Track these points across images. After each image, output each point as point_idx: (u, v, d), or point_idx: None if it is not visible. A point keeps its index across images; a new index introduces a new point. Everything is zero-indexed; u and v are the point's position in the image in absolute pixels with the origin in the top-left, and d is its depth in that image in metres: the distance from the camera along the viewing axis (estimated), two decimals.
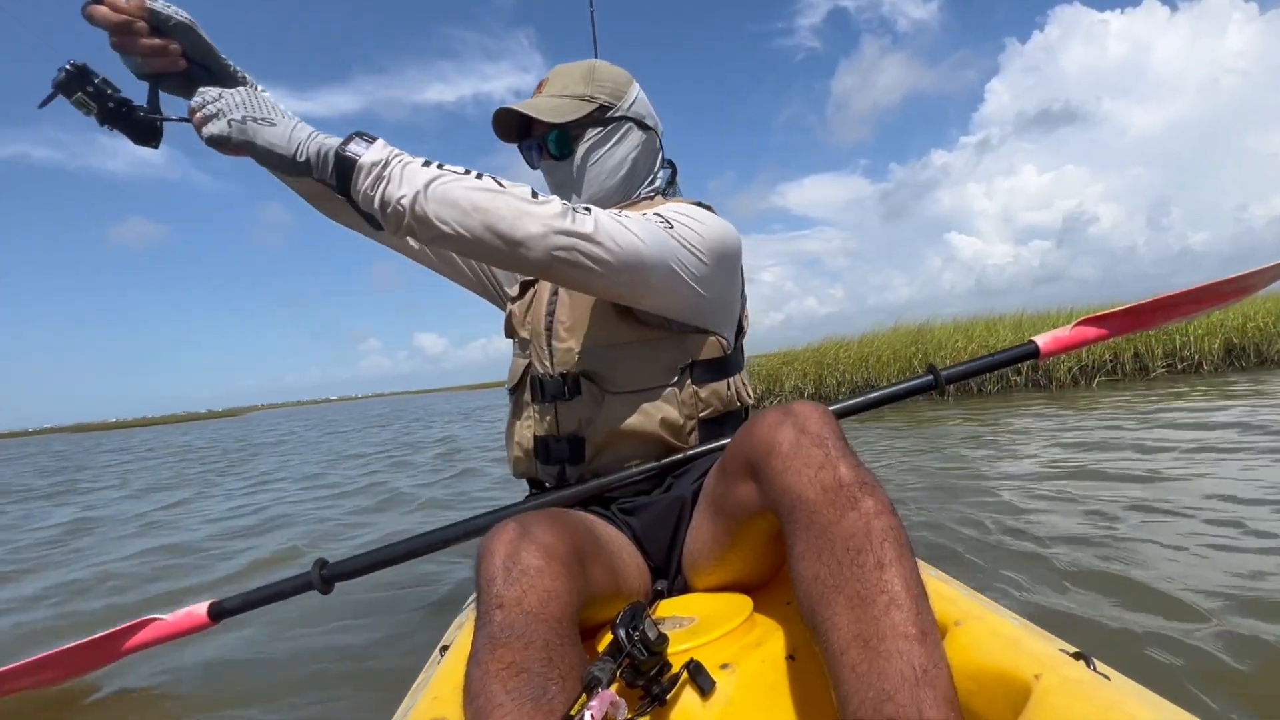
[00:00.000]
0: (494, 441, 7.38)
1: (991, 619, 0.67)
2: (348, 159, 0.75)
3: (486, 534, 0.69)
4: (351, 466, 6.26)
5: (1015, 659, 0.59)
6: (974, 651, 0.63)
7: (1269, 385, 5.36)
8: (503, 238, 0.76)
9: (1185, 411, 4.30)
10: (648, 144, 1.08)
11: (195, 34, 0.82)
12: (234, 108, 0.77)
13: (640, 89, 1.08)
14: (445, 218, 0.75)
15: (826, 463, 0.63)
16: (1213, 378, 6.43)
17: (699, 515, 0.89)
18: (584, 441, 0.98)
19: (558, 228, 0.77)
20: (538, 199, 0.78)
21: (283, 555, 2.78)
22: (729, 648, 0.75)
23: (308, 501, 4.26)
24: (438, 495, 3.99)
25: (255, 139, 0.76)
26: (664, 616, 0.82)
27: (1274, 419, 3.62)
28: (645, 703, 0.64)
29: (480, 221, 0.75)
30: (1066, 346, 1.15)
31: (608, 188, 1.05)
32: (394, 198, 0.75)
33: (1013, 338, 7.54)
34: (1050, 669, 0.56)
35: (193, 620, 1.23)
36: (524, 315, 1.06)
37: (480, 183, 0.77)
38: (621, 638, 0.62)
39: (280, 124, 0.77)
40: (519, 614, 0.62)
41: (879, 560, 0.58)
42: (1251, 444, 3.04)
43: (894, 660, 0.53)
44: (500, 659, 0.59)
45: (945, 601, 0.70)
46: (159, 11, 0.78)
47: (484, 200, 0.75)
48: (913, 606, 0.56)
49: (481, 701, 0.58)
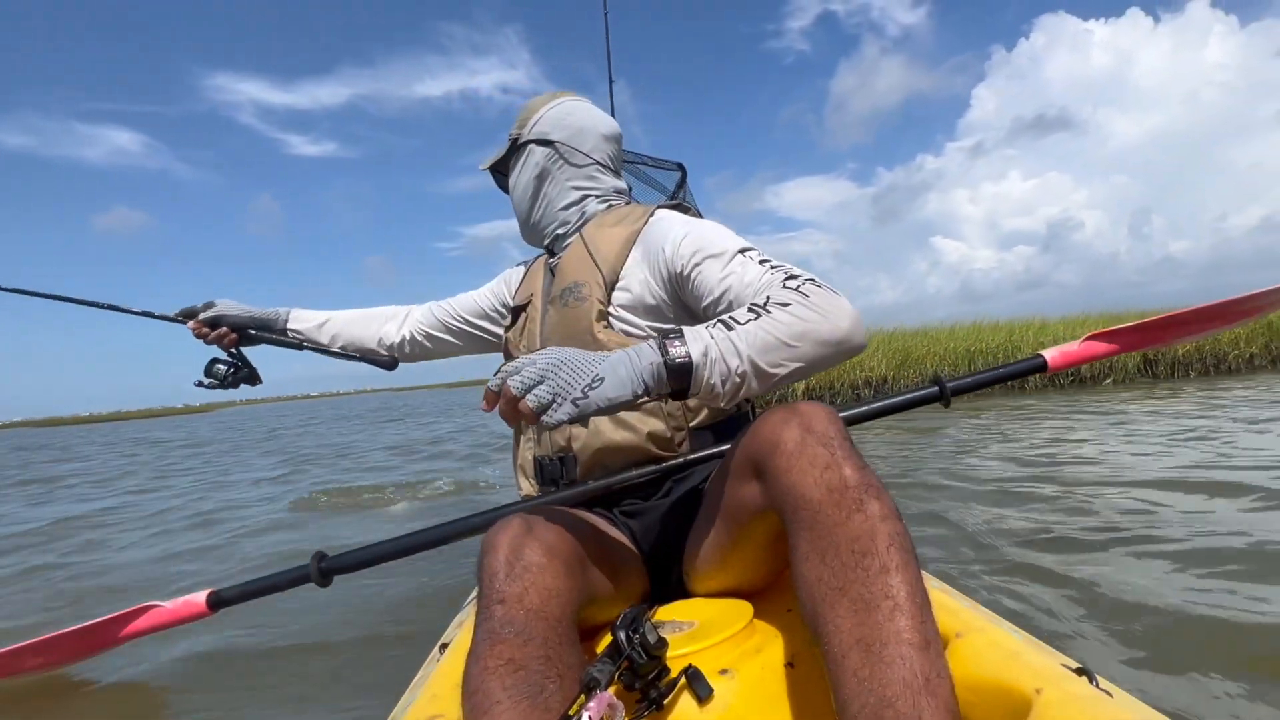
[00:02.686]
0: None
1: (993, 631, 0.67)
2: (682, 365, 0.71)
3: (490, 529, 0.69)
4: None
5: (1017, 672, 0.59)
6: (975, 663, 0.62)
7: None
8: (828, 346, 0.75)
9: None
10: (551, 157, 1.10)
11: (221, 308, 1.33)
12: (567, 388, 0.68)
13: (561, 104, 1.11)
14: (778, 360, 0.74)
15: (832, 463, 0.63)
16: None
17: (701, 517, 0.89)
18: (575, 460, 0.99)
19: (850, 311, 0.77)
20: (810, 295, 0.77)
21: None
22: (728, 653, 0.75)
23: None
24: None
25: (599, 403, 0.69)
26: (664, 620, 0.82)
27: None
28: (642, 706, 0.64)
29: (808, 344, 0.75)
30: (1074, 361, 1.15)
31: (524, 210, 1.13)
32: (730, 374, 0.72)
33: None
34: (1052, 683, 0.56)
35: (191, 609, 1.24)
36: (518, 339, 1.11)
37: (772, 318, 0.75)
38: (621, 640, 0.61)
39: (607, 375, 0.69)
40: (520, 610, 0.62)
41: (884, 565, 0.57)
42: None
43: (896, 666, 0.53)
44: (499, 655, 0.59)
45: (947, 612, 0.70)
46: (200, 314, 1.33)
47: (792, 328, 0.74)
48: (917, 614, 0.55)
49: (479, 698, 0.58)
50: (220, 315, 1.32)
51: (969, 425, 5.04)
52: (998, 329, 9.17)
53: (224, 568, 2.63)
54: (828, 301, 0.77)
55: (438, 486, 4.20)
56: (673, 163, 1.64)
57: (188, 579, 2.50)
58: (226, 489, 5.14)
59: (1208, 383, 6.37)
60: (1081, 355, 1.14)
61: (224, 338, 1.32)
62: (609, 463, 0.96)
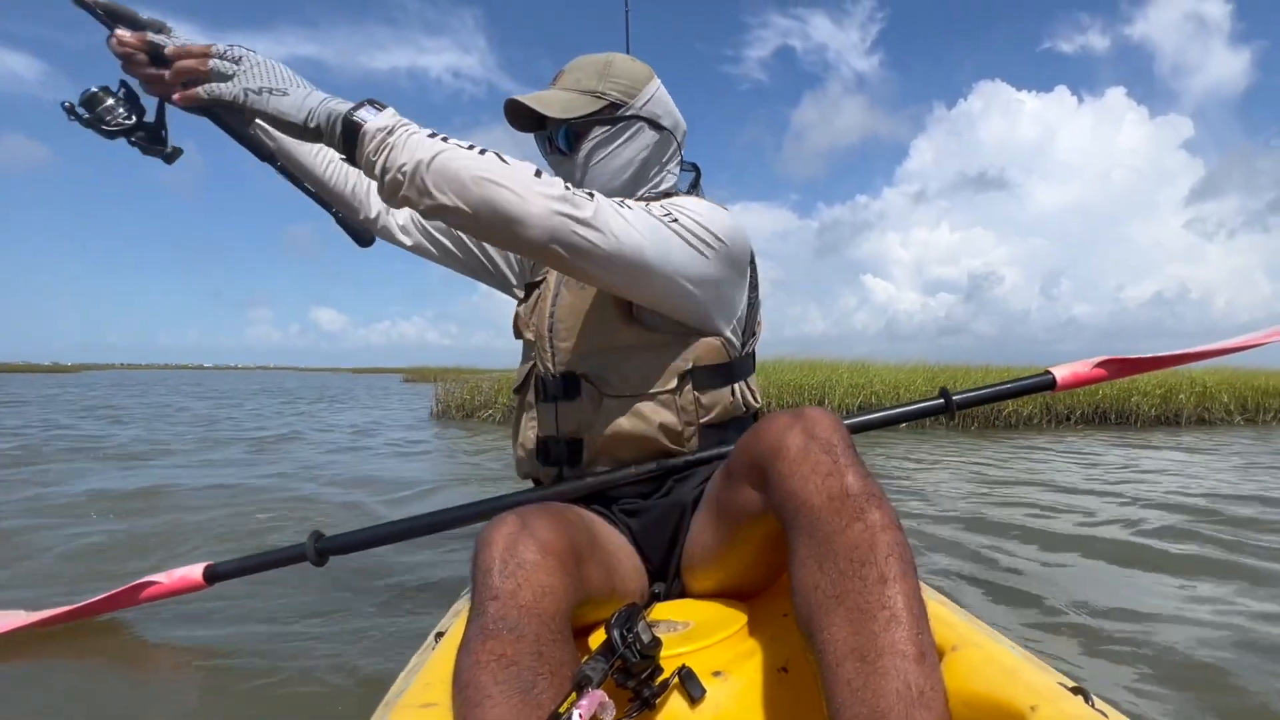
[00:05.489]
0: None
1: (990, 646, 0.66)
2: (354, 124, 0.74)
3: (486, 525, 0.69)
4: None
5: (1012, 689, 0.59)
6: (970, 678, 0.62)
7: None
8: (501, 213, 0.75)
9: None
10: (660, 145, 1.03)
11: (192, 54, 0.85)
12: (254, 77, 0.77)
13: (661, 87, 1.05)
14: (445, 189, 0.74)
15: (834, 470, 0.63)
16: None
17: (699, 517, 0.88)
18: (582, 444, 0.97)
19: (558, 209, 0.76)
20: (540, 178, 0.77)
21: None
22: (722, 655, 0.74)
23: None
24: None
25: (267, 107, 0.76)
26: (659, 620, 0.82)
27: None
28: (634, 705, 0.64)
29: (480, 195, 0.74)
30: (1082, 382, 1.17)
31: (611, 188, 1.01)
32: (395, 165, 0.74)
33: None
34: (1047, 701, 0.56)
35: (187, 581, 1.25)
36: (529, 316, 1.05)
37: (484, 158, 0.75)
38: (615, 639, 0.61)
39: (294, 92, 0.77)
40: (513, 607, 0.62)
41: (882, 575, 0.57)
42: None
43: (890, 678, 0.52)
44: (491, 650, 0.59)
45: (944, 625, 0.69)
46: (156, 43, 0.82)
47: (486, 174, 0.74)
48: (913, 625, 0.55)
49: (470, 691, 0.58)
50: (183, 49, 0.80)
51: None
52: (887, 369, 9.34)
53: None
54: (551, 193, 0.76)
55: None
56: (689, 163, 1.64)
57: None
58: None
59: (1120, 432, 6.51)
60: (1090, 377, 1.17)
61: (164, 80, 0.82)
62: (617, 451, 0.96)
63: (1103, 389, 8.02)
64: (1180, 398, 8.56)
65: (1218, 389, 8.84)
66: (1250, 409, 8.94)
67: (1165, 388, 8.51)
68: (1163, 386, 8.50)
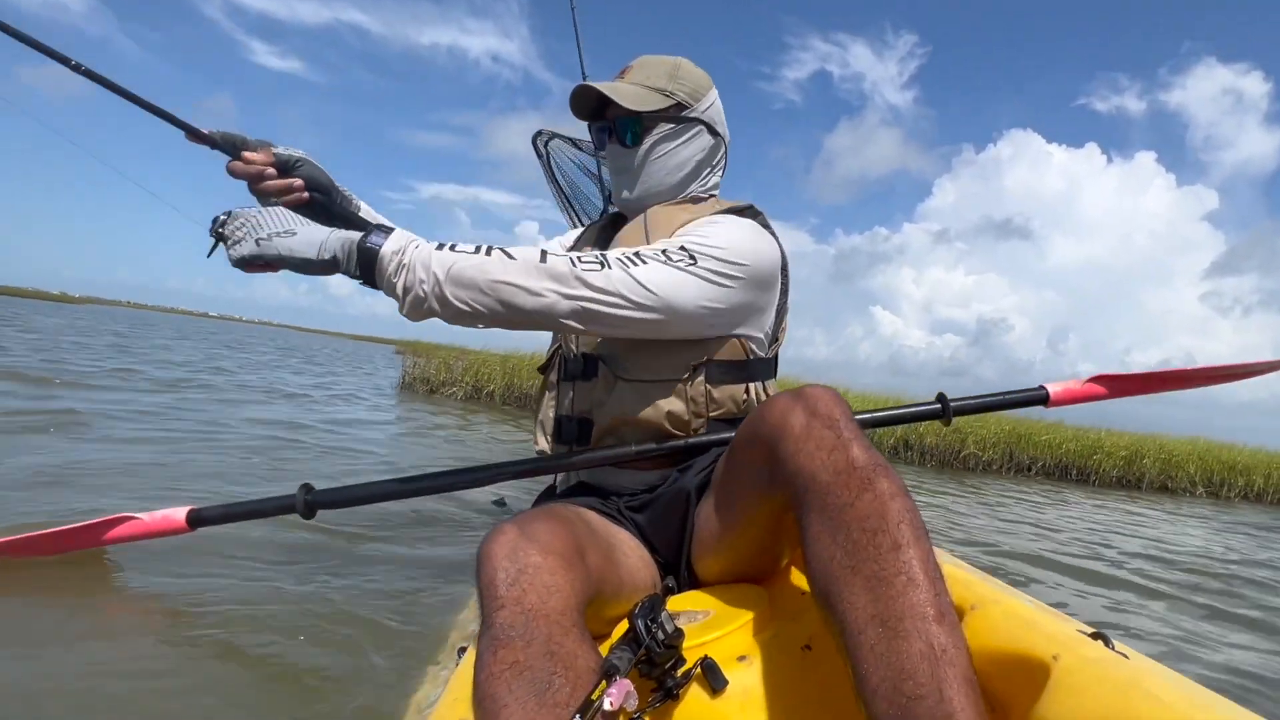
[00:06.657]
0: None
1: (1007, 602, 0.67)
2: (370, 250, 0.80)
3: (486, 538, 0.69)
4: None
5: (1032, 640, 0.59)
6: (991, 634, 0.63)
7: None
8: (519, 310, 0.82)
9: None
10: (713, 150, 1.08)
11: (313, 166, 0.94)
12: (256, 227, 0.81)
13: (718, 97, 1.10)
14: (464, 299, 0.80)
15: (838, 445, 0.64)
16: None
17: (707, 503, 0.89)
18: (592, 424, 1.01)
19: (569, 292, 0.82)
20: (547, 263, 0.83)
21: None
22: (745, 640, 0.75)
23: None
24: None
25: (280, 250, 0.80)
26: (678, 611, 0.82)
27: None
28: (657, 695, 0.64)
29: (497, 299, 0.81)
30: (1076, 398, 1.20)
31: (665, 184, 1.06)
32: (415, 283, 0.80)
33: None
34: (1069, 649, 0.56)
35: (170, 523, 1.19)
36: None
37: (491, 260, 0.81)
38: (640, 629, 0.61)
39: (300, 231, 0.82)
40: (519, 612, 0.62)
41: (895, 541, 0.58)
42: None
43: (913, 640, 0.53)
44: (503, 660, 0.60)
45: (961, 585, 0.70)
46: (282, 154, 0.91)
47: (498, 278, 0.81)
48: (930, 588, 0.56)
49: (487, 704, 0.59)
50: (304, 160, 0.92)
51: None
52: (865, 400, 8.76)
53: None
54: (558, 280, 0.82)
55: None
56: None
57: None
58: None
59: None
60: (1082, 393, 1.20)
61: (293, 190, 0.91)
62: (624, 434, 0.99)
63: (1067, 444, 7.64)
64: (1145, 462, 7.85)
65: (1185, 459, 8.06)
66: (1215, 483, 8.09)
67: (1130, 450, 7.88)
68: (1128, 449, 7.89)
